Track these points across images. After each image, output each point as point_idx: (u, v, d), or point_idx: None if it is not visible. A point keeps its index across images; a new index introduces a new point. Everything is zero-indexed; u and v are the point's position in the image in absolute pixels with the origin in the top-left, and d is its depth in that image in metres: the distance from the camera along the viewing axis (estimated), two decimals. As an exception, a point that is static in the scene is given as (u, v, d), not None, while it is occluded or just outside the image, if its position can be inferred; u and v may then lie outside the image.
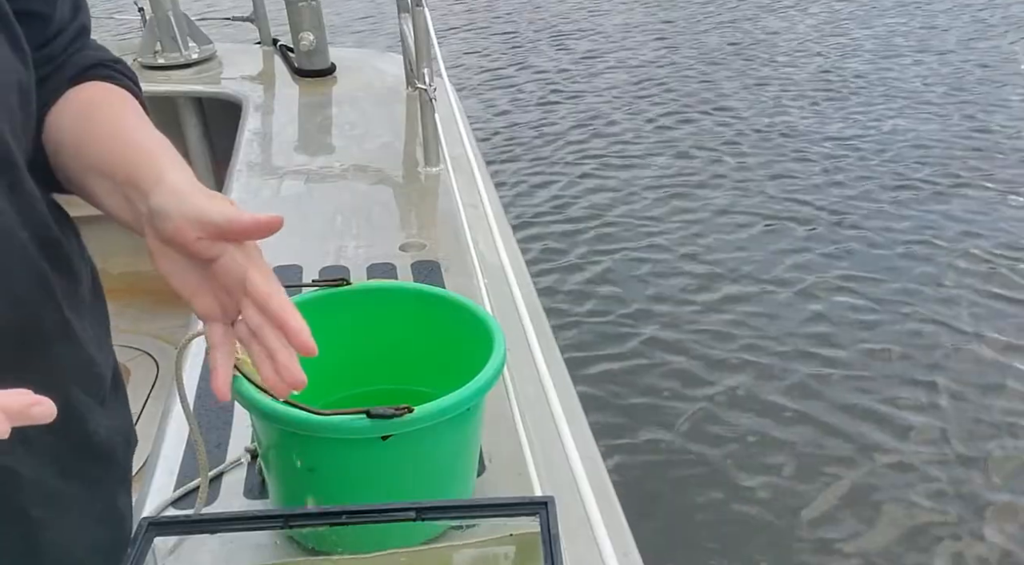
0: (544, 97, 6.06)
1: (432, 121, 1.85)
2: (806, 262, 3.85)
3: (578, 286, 3.75)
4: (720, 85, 6.13)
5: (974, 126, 5.19)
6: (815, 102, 5.69)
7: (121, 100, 0.79)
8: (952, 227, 4.08)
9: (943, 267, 3.76)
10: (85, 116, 0.76)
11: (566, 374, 1.25)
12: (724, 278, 3.76)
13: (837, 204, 4.35)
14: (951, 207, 4.29)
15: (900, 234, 4.05)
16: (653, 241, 4.10)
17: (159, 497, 0.97)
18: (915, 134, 5.12)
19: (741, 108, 5.65)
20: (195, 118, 2.73)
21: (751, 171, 4.77)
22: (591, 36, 7.47)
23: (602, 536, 0.67)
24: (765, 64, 6.52)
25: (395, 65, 2.55)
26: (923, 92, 5.76)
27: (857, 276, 3.72)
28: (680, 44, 7.14)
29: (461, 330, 0.90)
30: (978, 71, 6.10)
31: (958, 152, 4.86)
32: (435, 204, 1.79)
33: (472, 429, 0.86)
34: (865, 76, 6.13)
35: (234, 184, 1.86)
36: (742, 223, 4.23)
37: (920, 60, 6.39)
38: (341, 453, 0.79)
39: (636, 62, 6.70)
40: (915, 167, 4.70)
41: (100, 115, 0.76)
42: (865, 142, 5.04)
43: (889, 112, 5.45)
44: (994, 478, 2.64)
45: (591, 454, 1.07)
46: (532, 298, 1.43)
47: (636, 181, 4.72)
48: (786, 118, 5.46)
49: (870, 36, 7.02)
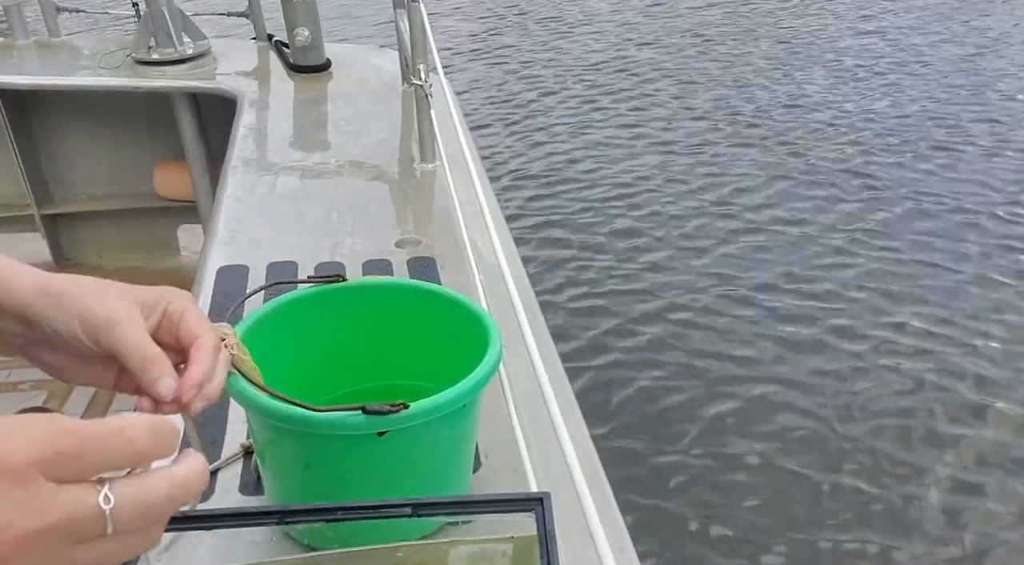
0: (541, 93, 6.06)
1: (428, 117, 1.85)
2: (818, 263, 3.86)
3: (575, 282, 3.75)
4: (720, 76, 6.13)
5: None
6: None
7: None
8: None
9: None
10: None
11: (562, 370, 1.25)
12: (726, 275, 3.76)
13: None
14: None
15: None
16: (651, 235, 4.11)
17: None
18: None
19: (743, 105, 5.66)
20: (190, 114, 2.72)
21: (755, 165, 4.78)
22: (590, 30, 7.47)
23: (598, 532, 0.67)
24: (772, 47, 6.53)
25: (391, 61, 2.55)
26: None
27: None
28: (679, 35, 7.15)
29: (457, 326, 0.90)
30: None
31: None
32: (431, 200, 1.79)
33: (468, 425, 0.86)
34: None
35: (229, 180, 1.86)
36: (747, 216, 4.24)
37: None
38: (337, 449, 0.79)
39: (635, 56, 6.70)
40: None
41: None
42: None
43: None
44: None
45: (587, 450, 1.07)
46: (528, 294, 1.43)
47: (634, 175, 4.73)
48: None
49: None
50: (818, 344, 3.28)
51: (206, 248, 1.56)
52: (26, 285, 0.60)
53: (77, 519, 0.41)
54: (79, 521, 0.41)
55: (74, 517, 0.41)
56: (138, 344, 0.59)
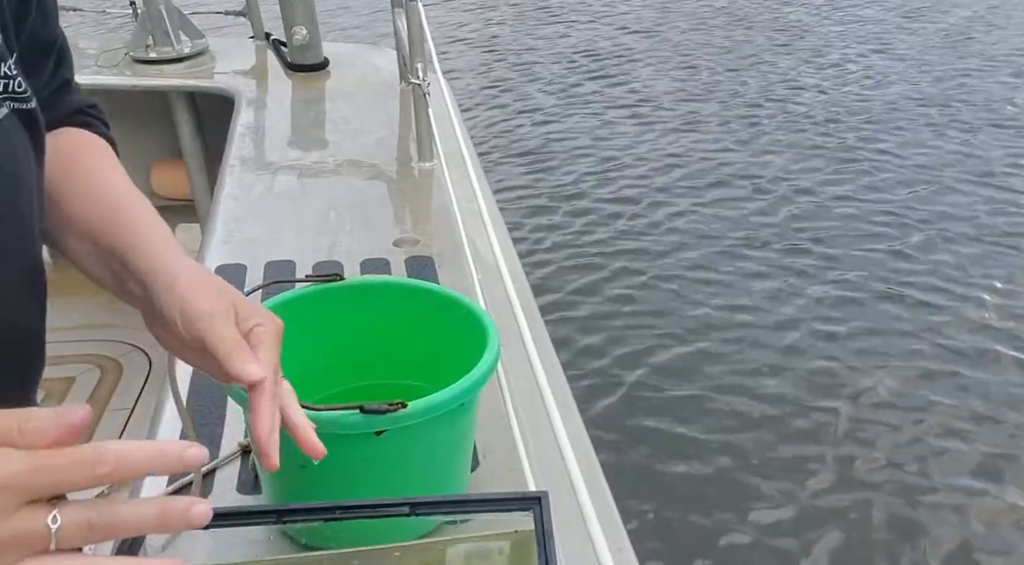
0: (538, 89, 6.06)
1: (426, 116, 1.84)
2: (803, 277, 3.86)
3: (574, 281, 3.75)
4: (714, 71, 6.14)
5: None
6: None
7: (100, 153, 0.78)
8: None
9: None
10: (63, 170, 0.74)
11: (560, 370, 1.25)
12: (727, 269, 3.76)
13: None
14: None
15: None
16: (651, 234, 4.11)
17: (151, 492, 0.97)
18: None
19: (743, 100, 5.66)
20: (187, 113, 2.72)
21: (759, 160, 4.79)
22: (588, 23, 7.46)
23: (596, 531, 0.67)
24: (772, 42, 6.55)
25: (389, 60, 2.55)
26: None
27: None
28: (677, 29, 7.15)
29: (455, 326, 0.90)
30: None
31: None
32: (429, 199, 1.79)
33: (466, 424, 0.86)
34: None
35: (227, 179, 1.86)
36: (744, 213, 4.24)
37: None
38: (335, 448, 0.79)
39: (633, 51, 6.70)
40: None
41: (78, 170, 0.75)
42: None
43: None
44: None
45: (585, 449, 1.07)
46: (526, 293, 1.43)
47: (634, 173, 4.73)
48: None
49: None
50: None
51: (204, 247, 1.56)
52: (160, 261, 0.66)
53: (22, 538, 0.43)
54: (24, 539, 0.44)
55: (18, 536, 0.43)
56: (223, 335, 0.62)
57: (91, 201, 0.72)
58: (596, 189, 4.59)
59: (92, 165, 0.76)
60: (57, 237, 0.74)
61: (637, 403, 3.01)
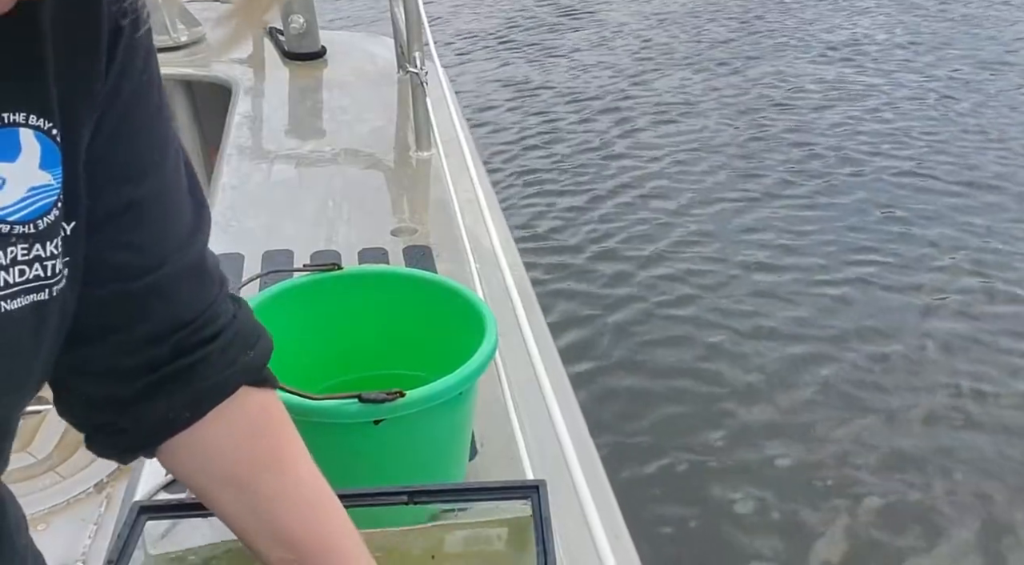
0: (537, 82, 6.04)
1: (423, 105, 1.84)
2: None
3: (572, 270, 3.75)
4: (717, 58, 6.13)
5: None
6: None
7: (296, 445, 0.66)
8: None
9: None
10: (263, 465, 0.63)
11: (558, 359, 1.25)
12: (729, 261, 3.75)
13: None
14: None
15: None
16: (651, 223, 4.10)
17: (150, 481, 0.97)
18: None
19: (743, 98, 5.65)
20: (184, 102, 2.71)
21: (760, 153, 4.78)
22: (586, 16, 7.45)
23: (593, 519, 0.67)
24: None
25: (386, 48, 2.54)
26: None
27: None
28: (678, 26, 7.13)
29: (453, 315, 0.90)
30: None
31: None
32: (427, 189, 1.79)
33: (464, 413, 0.86)
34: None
35: (224, 168, 1.85)
36: (750, 201, 4.23)
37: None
38: (334, 437, 0.79)
39: (631, 47, 6.68)
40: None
41: (288, 475, 0.64)
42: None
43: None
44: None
45: (582, 438, 1.08)
46: (524, 283, 1.43)
47: (632, 163, 4.72)
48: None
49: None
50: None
51: (201, 237, 1.55)
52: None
53: None
54: None
55: None
56: None
57: (307, 523, 0.64)
58: (596, 177, 4.58)
59: (299, 471, 0.65)
60: (241, 523, 0.66)
61: (636, 392, 3.01)
